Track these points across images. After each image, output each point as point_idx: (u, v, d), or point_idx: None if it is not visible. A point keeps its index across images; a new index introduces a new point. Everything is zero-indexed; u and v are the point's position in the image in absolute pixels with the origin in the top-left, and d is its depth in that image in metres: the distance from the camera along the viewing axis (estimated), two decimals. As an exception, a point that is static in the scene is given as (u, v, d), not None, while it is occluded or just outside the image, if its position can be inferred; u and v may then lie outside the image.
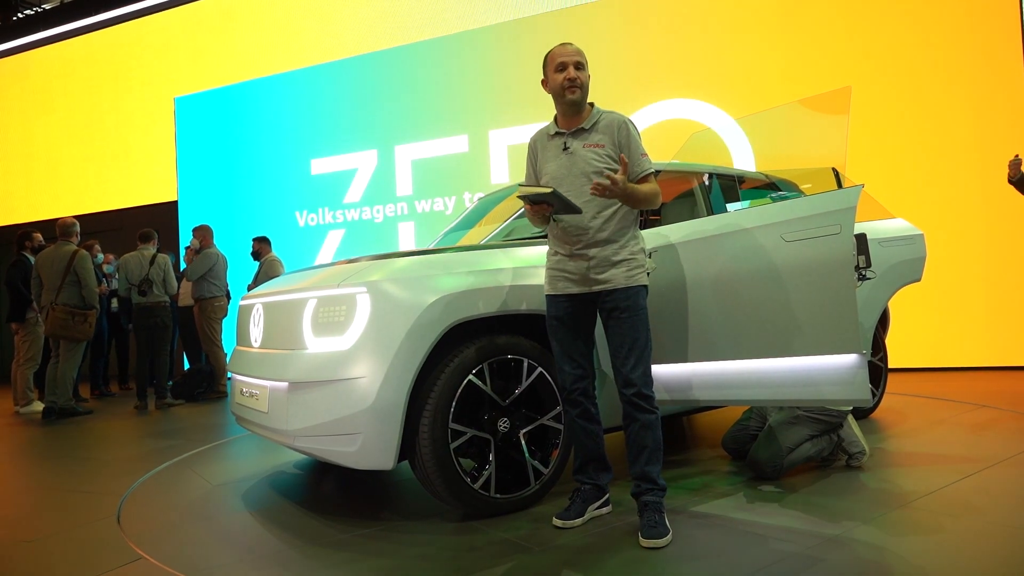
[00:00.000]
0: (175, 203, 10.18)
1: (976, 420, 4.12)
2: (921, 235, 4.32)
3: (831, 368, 2.52)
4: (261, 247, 7.32)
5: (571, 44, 2.57)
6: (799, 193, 4.24)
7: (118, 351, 8.42)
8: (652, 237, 2.96)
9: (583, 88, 2.52)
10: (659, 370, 2.81)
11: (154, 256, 6.69)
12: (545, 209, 2.45)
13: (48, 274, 6.17)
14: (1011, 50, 6.17)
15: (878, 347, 4.33)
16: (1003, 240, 6.15)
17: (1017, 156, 4.34)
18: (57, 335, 6.16)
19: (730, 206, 3.83)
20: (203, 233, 7.25)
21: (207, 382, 7.19)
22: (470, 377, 2.67)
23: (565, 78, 2.50)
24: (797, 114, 3.94)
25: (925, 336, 6.29)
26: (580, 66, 2.52)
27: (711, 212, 3.62)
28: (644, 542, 2.34)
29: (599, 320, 2.59)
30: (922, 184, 6.35)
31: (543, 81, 2.60)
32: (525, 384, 2.80)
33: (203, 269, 6.99)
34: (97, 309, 6.39)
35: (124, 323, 8.12)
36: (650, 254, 2.83)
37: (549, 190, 2.36)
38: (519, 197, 2.48)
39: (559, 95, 2.54)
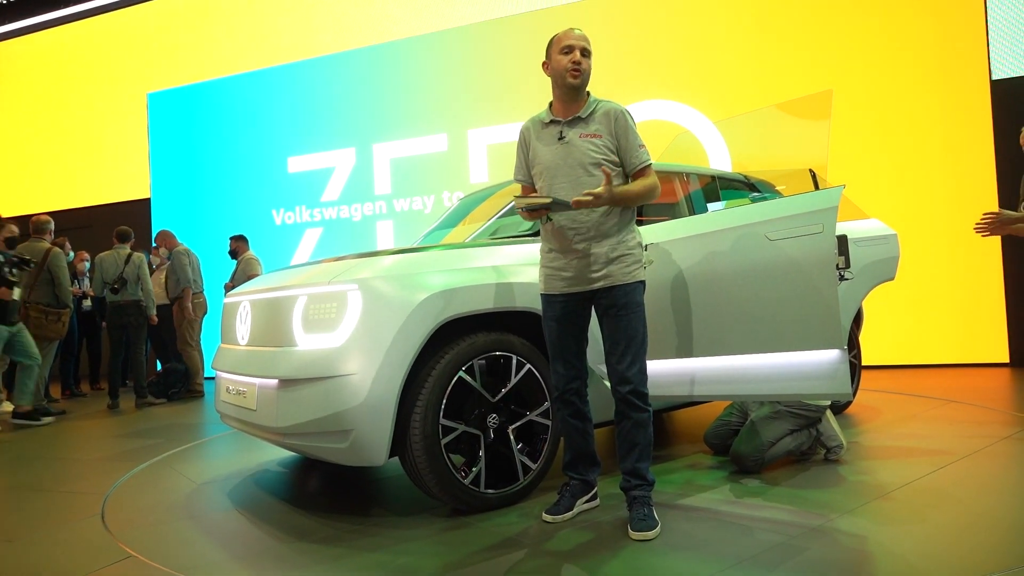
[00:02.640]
0: (148, 201, 10.02)
1: (947, 415, 4.25)
2: (894, 235, 4.44)
3: (813, 363, 2.59)
4: (238, 246, 7.26)
5: (578, 29, 2.54)
6: (777, 194, 4.33)
7: (89, 351, 8.27)
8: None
9: (585, 75, 2.49)
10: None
11: (129, 255, 6.62)
12: (541, 213, 2.46)
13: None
14: (976, 57, 6.35)
15: (852, 344, 4.44)
16: (970, 241, 6.31)
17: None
18: (31, 334, 6.04)
19: (710, 206, 3.90)
20: (163, 238, 7.30)
21: (182, 382, 7.12)
22: (460, 374, 2.69)
23: (570, 61, 2.46)
24: (776, 118, 4.02)
25: (896, 334, 6.45)
26: (586, 52, 2.50)
27: (692, 212, 3.69)
28: (634, 535, 2.38)
29: (593, 317, 2.61)
30: (893, 186, 6.51)
31: (544, 64, 2.56)
32: (514, 380, 2.83)
33: (184, 269, 6.97)
34: (71, 308, 6.29)
35: (99, 322, 8.01)
36: (646, 248, 2.83)
37: (547, 200, 2.37)
38: (516, 208, 2.48)
39: (560, 78, 2.50)
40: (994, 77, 6.34)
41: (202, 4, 9.97)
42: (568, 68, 2.47)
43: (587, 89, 2.56)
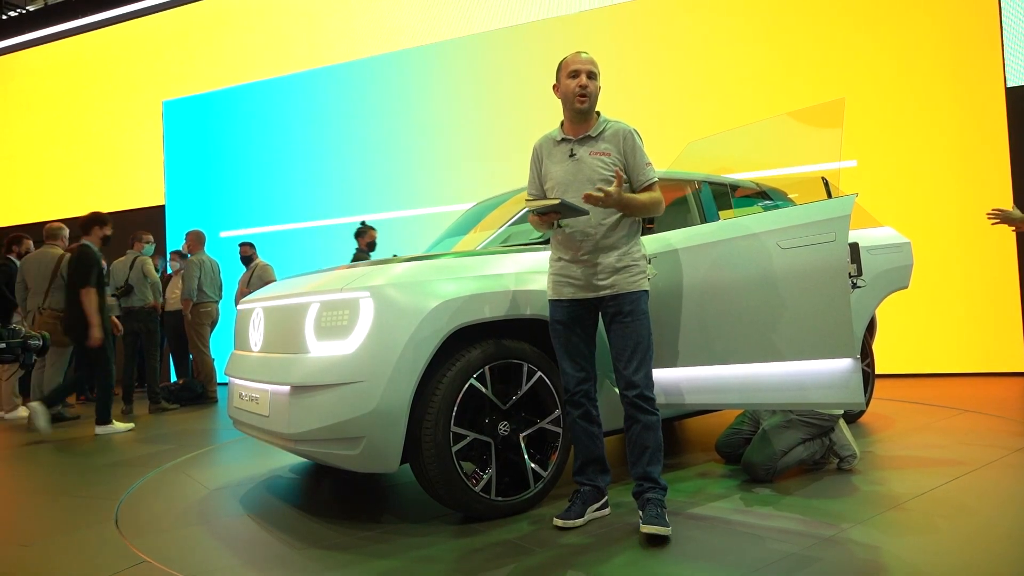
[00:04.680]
0: (163, 207, 10.13)
1: (961, 424, 4.21)
2: (908, 243, 4.41)
3: (826, 372, 2.58)
4: (251, 252, 7.33)
5: (585, 52, 2.63)
6: (789, 202, 4.32)
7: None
8: (649, 243, 3.00)
9: (592, 98, 2.59)
10: (657, 374, 2.84)
11: (134, 260, 6.68)
12: (552, 217, 2.52)
13: (34, 278, 6.12)
14: (991, 64, 6.31)
15: (865, 353, 4.41)
16: (985, 249, 6.28)
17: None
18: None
19: (722, 214, 3.89)
20: (188, 240, 7.31)
21: (196, 396, 7.16)
22: (471, 381, 2.70)
23: (577, 85, 2.56)
24: (788, 126, 4.02)
25: (910, 343, 6.40)
26: (592, 75, 2.59)
27: (704, 220, 3.69)
28: (645, 528, 2.40)
29: (600, 323, 2.64)
30: (906, 193, 6.48)
31: (554, 86, 2.66)
32: (525, 388, 2.84)
33: (191, 280, 7.03)
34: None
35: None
36: (650, 260, 2.88)
37: (556, 201, 2.42)
38: (527, 210, 2.53)
39: (569, 102, 2.60)
40: (1009, 84, 6.30)
41: (217, 14, 10.08)
42: (576, 93, 2.57)
43: (597, 109, 2.64)
